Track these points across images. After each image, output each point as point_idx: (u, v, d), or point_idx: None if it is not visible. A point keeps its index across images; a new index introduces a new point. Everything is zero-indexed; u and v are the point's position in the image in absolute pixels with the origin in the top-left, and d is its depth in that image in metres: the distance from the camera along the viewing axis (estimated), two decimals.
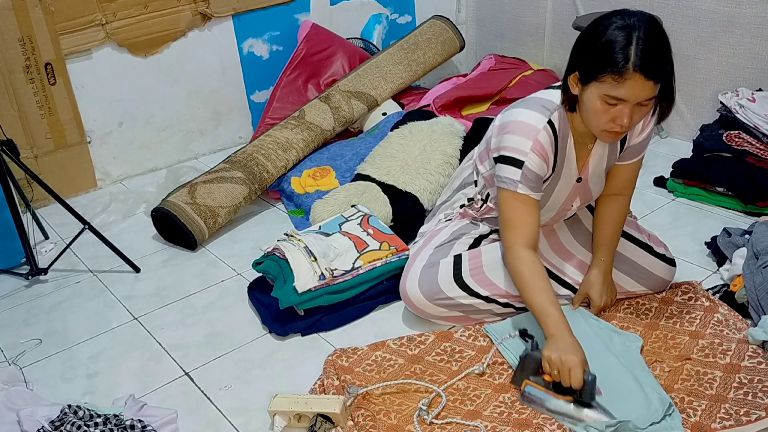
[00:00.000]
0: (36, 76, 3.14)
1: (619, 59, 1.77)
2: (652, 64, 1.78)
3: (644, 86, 1.79)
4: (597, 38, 1.83)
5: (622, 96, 1.80)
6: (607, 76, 1.79)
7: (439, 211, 2.44)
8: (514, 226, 2.04)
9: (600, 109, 1.86)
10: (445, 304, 2.21)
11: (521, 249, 2.02)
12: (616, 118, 1.85)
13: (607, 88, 1.81)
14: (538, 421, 1.85)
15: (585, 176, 2.14)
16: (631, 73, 1.77)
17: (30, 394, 2.05)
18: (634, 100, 1.81)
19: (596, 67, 1.82)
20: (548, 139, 1.99)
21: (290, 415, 1.88)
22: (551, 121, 1.99)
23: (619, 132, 1.89)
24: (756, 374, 1.92)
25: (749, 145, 2.84)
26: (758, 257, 2.26)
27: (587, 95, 1.88)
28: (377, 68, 3.59)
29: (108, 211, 3.17)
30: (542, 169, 2.01)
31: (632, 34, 1.78)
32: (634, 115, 1.85)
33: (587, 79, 1.86)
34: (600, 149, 2.11)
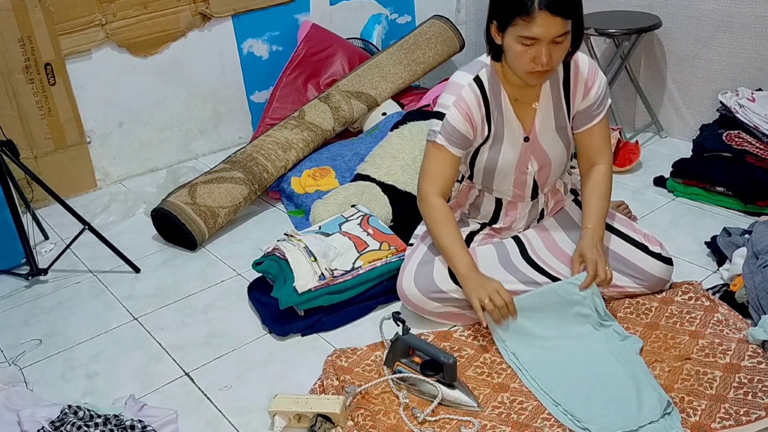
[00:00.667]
0: (36, 76, 3.14)
1: (527, 2, 1.89)
2: (557, 2, 1.88)
3: (553, 23, 1.90)
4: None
5: (534, 35, 1.92)
6: (518, 18, 1.92)
7: None
8: (430, 176, 2.19)
9: (519, 51, 1.97)
10: (440, 299, 2.22)
11: (433, 197, 2.18)
12: (535, 57, 1.96)
13: (520, 30, 1.93)
14: (536, 423, 1.85)
15: (533, 135, 2.19)
16: (537, 12, 1.89)
17: (30, 394, 2.05)
18: (546, 38, 1.92)
19: (508, 13, 1.94)
20: (472, 94, 2.11)
21: (290, 415, 1.88)
22: (478, 77, 2.12)
23: (542, 71, 1.99)
24: (756, 374, 1.92)
25: (749, 145, 2.84)
26: (758, 257, 2.26)
27: (506, 41, 2.00)
28: (377, 68, 3.59)
29: (108, 211, 3.18)
30: (464, 127, 2.12)
31: None
32: (552, 53, 1.95)
33: (503, 26, 1.97)
34: (544, 108, 2.17)
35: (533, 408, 1.90)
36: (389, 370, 2.05)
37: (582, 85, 2.16)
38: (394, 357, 2.05)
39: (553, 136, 2.21)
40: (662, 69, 3.46)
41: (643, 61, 3.51)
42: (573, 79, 2.16)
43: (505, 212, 2.34)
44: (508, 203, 2.32)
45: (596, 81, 2.17)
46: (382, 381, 2.00)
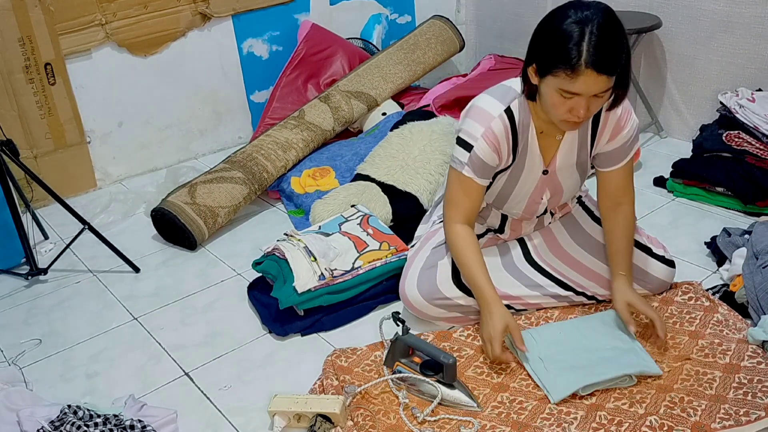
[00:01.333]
0: (36, 76, 3.14)
1: (572, 55, 1.78)
2: (604, 60, 1.78)
3: (597, 81, 1.81)
4: (552, 32, 1.84)
5: (576, 90, 1.83)
6: (561, 71, 1.81)
7: (434, 211, 2.45)
8: (455, 205, 2.15)
9: (557, 102, 1.88)
10: (443, 305, 2.21)
11: (457, 225, 2.15)
12: (572, 109, 1.87)
13: (561, 83, 1.83)
14: (536, 423, 1.85)
15: (552, 169, 2.14)
16: (583, 69, 1.78)
17: (30, 394, 2.05)
18: (587, 94, 1.84)
19: (551, 62, 1.83)
20: (502, 127, 2.03)
21: (290, 415, 1.88)
22: (510, 109, 2.03)
23: (577, 122, 1.91)
24: (756, 374, 1.92)
25: (749, 145, 2.84)
26: (758, 257, 2.26)
27: (544, 87, 1.90)
28: (377, 68, 3.59)
29: (108, 211, 3.18)
30: (491, 158, 2.06)
31: (585, 29, 1.78)
32: (590, 106, 1.87)
33: (543, 72, 1.88)
34: (569, 142, 2.11)
35: (533, 408, 1.90)
36: (389, 370, 2.05)
37: (612, 127, 2.08)
38: (393, 357, 2.05)
39: (572, 171, 2.17)
40: (662, 69, 3.46)
41: (643, 61, 3.51)
42: (604, 118, 2.07)
43: (510, 227, 2.33)
44: (513, 220, 2.31)
45: (627, 125, 2.08)
46: (382, 381, 2.00)
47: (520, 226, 2.32)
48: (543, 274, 2.27)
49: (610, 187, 2.18)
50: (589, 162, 2.17)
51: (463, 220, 2.14)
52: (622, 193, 2.19)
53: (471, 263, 2.11)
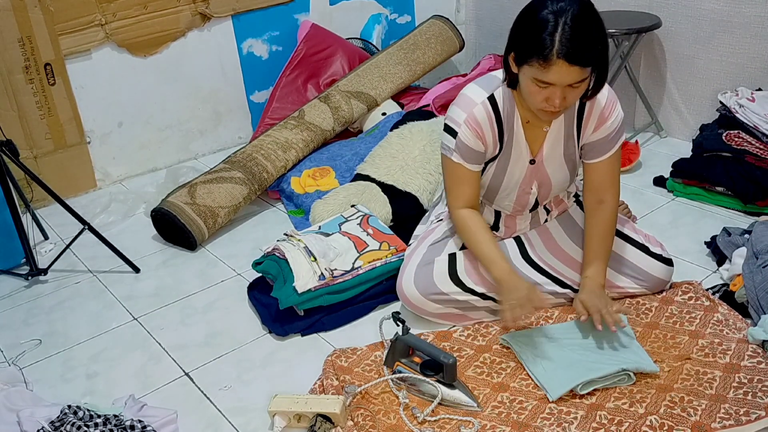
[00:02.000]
0: (35, 76, 3.14)
1: (545, 45, 1.80)
2: (576, 52, 1.79)
3: (570, 72, 1.82)
4: (528, 21, 1.86)
5: (549, 80, 1.84)
6: (534, 61, 1.84)
7: (432, 211, 2.46)
8: (453, 191, 2.19)
9: (533, 90, 1.90)
10: (440, 300, 2.22)
11: (460, 210, 2.18)
12: (548, 98, 1.89)
13: (535, 72, 1.85)
14: (536, 423, 1.85)
15: (539, 159, 2.15)
16: (555, 59, 1.80)
17: (30, 394, 2.05)
18: (561, 84, 1.85)
19: (526, 51, 1.86)
20: (485, 113, 2.06)
21: (290, 415, 1.88)
22: (493, 97, 2.06)
23: (554, 111, 1.92)
24: (756, 374, 1.92)
25: (749, 145, 2.84)
26: (758, 257, 2.26)
27: (521, 76, 1.93)
28: (377, 68, 3.59)
29: (108, 211, 3.18)
30: (475, 144, 2.08)
31: (559, 19, 1.80)
32: (567, 96, 1.88)
33: (520, 61, 1.90)
34: (555, 133, 2.12)
35: (533, 407, 1.90)
36: (389, 370, 2.05)
37: (596, 117, 2.08)
38: (393, 357, 2.05)
39: (560, 163, 2.17)
40: (662, 69, 3.46)
41: (642, 61, 3.51)
42: (588, 108, 2.08)
43: (504, 224, 2.34)
44: (506, 216, 2.32)
45: (612, 114, 2.09)
46: (382, 381, 2.00)
47: (514, 222, 2.33)
48: (540, 272, 2.27)
49: (593, 180, 2.18)
50: (578, 154, 2.18)
51: (463, 204, 2.17)
52: (605, 188, 2.17)
53: (480, 240, 2.15)
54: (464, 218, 2.18)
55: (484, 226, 2.19)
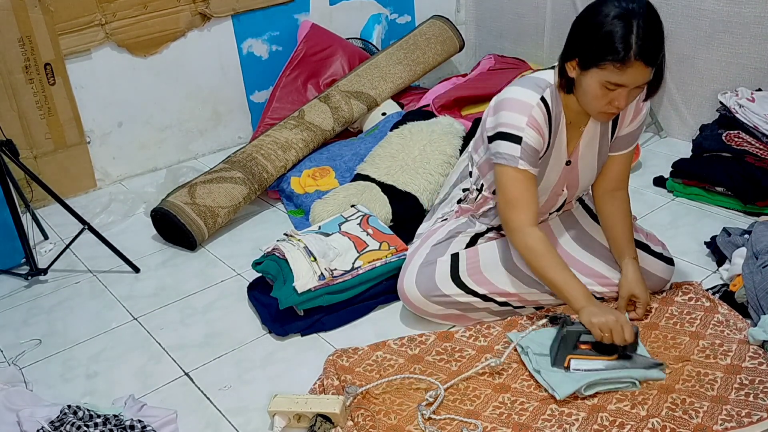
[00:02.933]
0: (35, 76, 3.14)
1: (620, 48, 1.82)
2: (651, 52, 1.83)
3: (644, 72, 1.85)
4: (596, 26, 1.86)
5: (623, 82, 1.86)
6: (609, 64, 1.84)
7: (437, 210, 2.45)
8: (519, 205, 2.05)
9: (599, 94, 1.91)
10: (442, 302, 2.21)
11: (529, 227, 2.05)
12: (613, 100, 1.91)
13: (609, 75, 1.86)
14: (537, 425, 1.85)
15: (574, 159, 2.16)
16: (633, 61, 1.82)
17: (30, 394, 2.05)
18: (633, 86, 1.88)
19: (598, 55, 1.86)
20: (542, 115, 2.03)
21: (290, 415, 1.88)
22: (544, 98, 2.04)
23: (614, 113, 1.96)
24: (757, 375, 1.92)
25: (749, 145, 2.84)
26: (758, 257, 2.26)
27: (587, 80, 1.92)
28: (377, 68, 3.59)
29: (107, 211, 3.17)
30: (539, 144, 2.04)
31: (632, 22, 1.82)
32: (630, 97, 1.92)
33: (588, 65, 1.90)
34: (591, 133, 2.13)
35: (534, 409, 1.90)
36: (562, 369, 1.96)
37: (632, 110, 2.12)
38: (564, 352, 1.95)
39: (592, 162, 2.17)
40: None
41: None
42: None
43: None
44: None
45: (645, 107, 2.13)
46: (383, 382, 1.99)
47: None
48: None
49: (612, 172, 2.22)
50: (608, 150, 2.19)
51: (532, 219, 2.05)
52: (621, 179, 2.23)
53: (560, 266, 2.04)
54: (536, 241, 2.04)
55: (555, 250, 2.08)
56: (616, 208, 2.23)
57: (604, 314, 1.92)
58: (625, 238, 2.21)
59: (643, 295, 2.16)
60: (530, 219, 2.05)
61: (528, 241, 2.05)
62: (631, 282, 2.17)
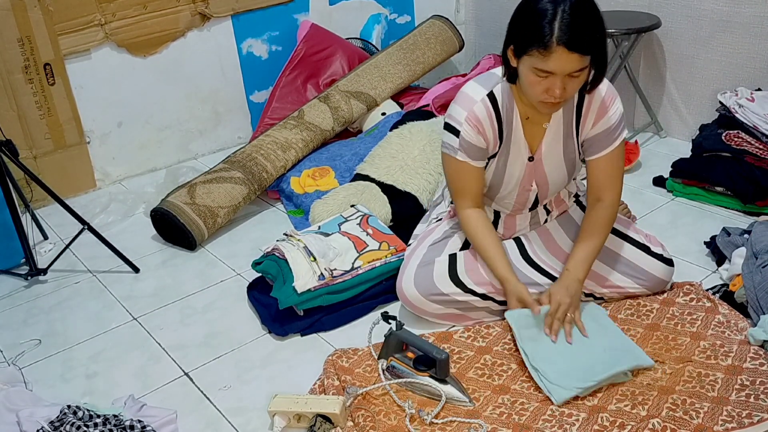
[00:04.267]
0: (35, 76, 3.14)
1: (544, 33, 1.81)
2: (575, 38, 1.81)
3: (570, 59, 1.83)
4: (527, 11, 1.88)
5: (550, 69, 1.85)
6: (534, 50, 1.84)
7: (432, 211, 2.46)
8: (459, 191, 2.19)
9: (533, 81, 1.91)
10: (440, 301, 2.21)
11: (468, 210, 2.19)
12: (548, 89, 1.89)
13: (535, 62, 1.86)
14: (537, 425, 1.85)
15: (538, 156, 2.15)
16: (555, 46, 1.81)
17: (29, 394, 2.05)
18: (561, 73, 1.86)
19: (525, 41, 1.87)
20: (485, 110, 2.06)
21: (290, 415, 1.88)
22: (492, 94, 2.06)
23: (554, 103, 1.93)
24: (758, 376, 1.92)
25: (748, 145, 2.84)
26: (757, 257, 2.26)
27: (521, 68, 1.93)
28: (376, 68, 3.59)
29: (107, 211, 3.17)
30: (477, 141, 2.08)
31: (557, 8, 1.82)
32: (566, 86, 1.89)
33: (519, 53, 1.90)
34: (554, 130, 2.12)
35: (534, 409, 1.90)
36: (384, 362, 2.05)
37: (595, 110, 2.08)
38: (388, 352, 2.06)
39: (559, 161, 2.16)
40: (661, 69, 3.46)
41: (642, 61, 3.51)
42: (587, 102, 2.07)
43: (503, 225, 2.34)
44: (506, 216, 2.32)
45: (612, 107, 2.08)
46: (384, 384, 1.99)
47: (514, 222, 2.33)
48: (540, 272, 2.27)
49: (593, 177, 2.18)
50: (578, 153, 2.17)
51: (471, 204, 2.18)
52: (603, 187, 2.16)
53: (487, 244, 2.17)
54: (472, 220, 2.19)
55: (491, 228, 2.21)
56: (591, 219, 2.17)
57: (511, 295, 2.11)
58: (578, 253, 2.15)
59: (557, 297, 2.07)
60: (469, 203, 2.19)
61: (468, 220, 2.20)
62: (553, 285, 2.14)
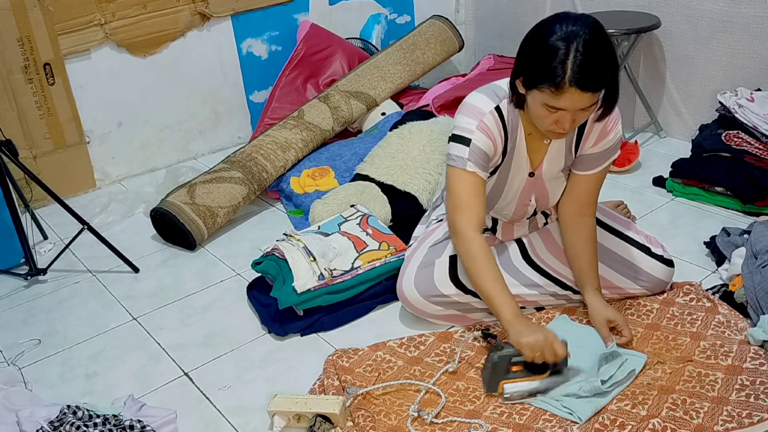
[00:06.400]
0: (35, 76, 3.14)
1: (556, 73, 1.77)
2: (588, 78, 1.77)
3: (581, 98, 1.80)
4: (538, 47, 1.83)
5: (560, 106, 1.82)
6: (545, 87, 1.80)
7: (432, 212, 2.45)
8: (465, 207, 2.04)
9: (543, 114, 1.88)
10: (440, 302, 2.21)
11: (472, 232, 2.03)
12: (558, 121, 1.87)
13: (546, 98, 1.82)
14: (538, 425, 1.85)
15: (539, 173, 2.14)
16: (567, 87, 1.77)
17: (29, 394, 2.04)
18: (572, 110, 1.83)
19: (536, 77, 1.83)
20: (494, 123, 2.02)
21: (289, 415, 1.88)
22: (499, 108, 2.02)
23: (563, 132, 1.91)
24: (758, 376, 1.92)
25: (748, 145, 2.84)
26: (757, 257, 2.26)
27: (530, 99, 1.90)
28: (376, 68, 3.59)
29: (107, 211, 3.17)
30: (489, 147, 2.02)
31: (570, 46, 1.76)
32: (576, 118, 1.87)
33: (529, 86, 1.87)
34: (556, 147, 2.10)
35: (535, 409, 1.90)
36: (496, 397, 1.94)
37: (598, 131, 2.07)
38: (497, 378, 1.93)
39: (558, 176, 2.16)
40: (661, 69, 3.46)
41: (642, 61, 3.51)
42: (590, 124, 2.06)
43: (502, 230, 2.33)
44: (504, 223, 2.31)
45: (613, 130, 2.07)
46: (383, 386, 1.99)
47: (512, 229, 2.32)
48: (541, 273, 2.27)
49: (578, 192, 2.16)
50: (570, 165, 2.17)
51: (476, 224, 2.03)
52: (587, 202, 2.16)
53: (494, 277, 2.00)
54: (475, 245, 2.02)
55: (493, 259, 2.05)
56: (581, 237, 2.16)
57: (532, 333, 1.88)
58: (590, 269, 2.15)
59: (618, 317, 2.09)
60: (475, 223, 2.03)
61: (470, 246, 2.03)
62: (601, 309, 2.10)
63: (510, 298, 1.97)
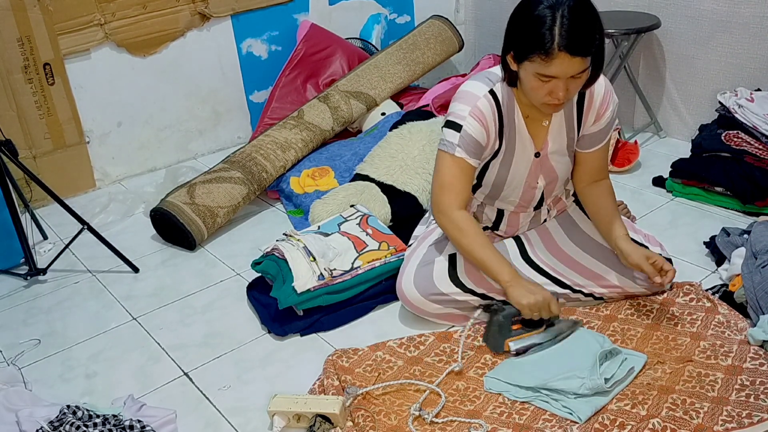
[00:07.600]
0: (35, 76, 3.14)
1: (545, 40, 1.82)
2: (577, 42, 1.82)
3: (572, 63, 1.84)
4: (525, 18, 1.88)
5: (552, 74, 1.86)
6: (536, 56, 1.85)
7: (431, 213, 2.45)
8: (450, 189, 2.11)
9: (536, 86, 1.92)
10: (440, 300, 2.21)
11: (457, 211, 2.11)
12: (551, 92, 1.91)
13: (537, 67, 1.87)
14: (537, 425, 1.85)
15: (545, 153, 2.17)
16: (557, 52, 1.82)
17: (29, 394, 2.04)
18: (564, 76, 1.87)
19: (526, 48, 1.87)
20: (489, 107, 2.06)
21: (289, 415, 1.88)
22: (493, 91, 2.06)
23: (558, 104, 1.94)
24: (758, 376, 1.92)
25: (748, 145, 2.84)
26: (757, 257, 2.26)
27: (523, 72, 1.94)
28: (376, 68, 3.59)
29: (107, 211, 3.17)
30: (481, 135, 2.06)
31: (556, 13, 1.82)
32: (569, 87, 1.91)
33: (520, 58, 1.91)
34: (557, 126, 2.14)
35: (534, 409, 1.90)
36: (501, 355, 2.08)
37: (596, 109, 2.13)
38: (503, 338, 2.06)
39: (562, 154, 2.19)
40: (661, 69, 3.46)
41: (642, 62, 3.51)
42: (588, 101, 2.12)
43: (507, 222, 2.33)
44: (510, 213, 2.31)
45: (610, 105, 2.14)
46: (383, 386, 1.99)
47: (518, 219, 2.32)
48: (540, 272, 2.27)
49: (590, 168, 2.24)
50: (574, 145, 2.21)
51: (461, 204, 2.12)
52: (599, 171, 2.25)
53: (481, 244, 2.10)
54: (461, 220, 2.11)
55: (481, 229, 2.16)
56: (599, 194, 2.25)
57: (532, 294, 2.01)
58: (614, 218, 2.21)
59: (655, 256, 2.13)
60: (459, 203, 2.11)
61: (456, 221, 2.10)
62: (636, 249, 2.14)
63: (504, 261, 2.09)
